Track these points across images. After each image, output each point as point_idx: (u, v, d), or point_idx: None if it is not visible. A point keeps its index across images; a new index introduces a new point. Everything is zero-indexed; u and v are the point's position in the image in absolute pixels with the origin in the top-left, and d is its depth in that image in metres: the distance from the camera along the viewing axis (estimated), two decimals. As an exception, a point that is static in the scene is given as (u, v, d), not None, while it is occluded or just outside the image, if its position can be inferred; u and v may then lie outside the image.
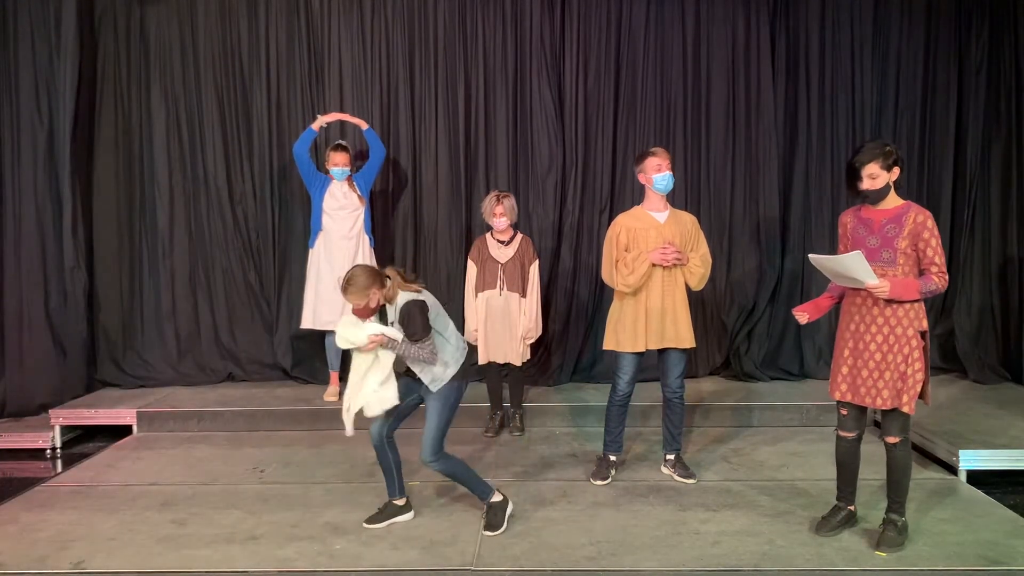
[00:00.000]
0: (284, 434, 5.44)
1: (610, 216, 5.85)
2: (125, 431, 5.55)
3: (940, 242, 3.41)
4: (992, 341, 6.34)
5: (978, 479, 4.41)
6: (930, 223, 3.40)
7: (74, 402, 5.77)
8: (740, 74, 6.29)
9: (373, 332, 3.59)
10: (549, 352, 6.28)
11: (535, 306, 5.23)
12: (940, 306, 6.45)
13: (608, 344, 4.40)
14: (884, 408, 3.46)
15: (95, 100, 6.22)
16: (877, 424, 3.74)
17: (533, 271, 5.22)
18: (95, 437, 5.58)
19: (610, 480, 4.43)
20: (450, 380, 3.71)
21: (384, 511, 3.94)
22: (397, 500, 3.95)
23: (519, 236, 5.25)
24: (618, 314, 4.34)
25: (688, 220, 4.40)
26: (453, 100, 6.30)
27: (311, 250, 5.76)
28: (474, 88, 6.32)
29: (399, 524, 3.89)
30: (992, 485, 4.35)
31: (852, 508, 3.76)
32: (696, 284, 4.36)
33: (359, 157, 6.04)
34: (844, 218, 3.67)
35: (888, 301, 3.39)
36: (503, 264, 5.14)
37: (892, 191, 3.47)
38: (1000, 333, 6.34)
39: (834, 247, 3.85)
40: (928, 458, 4.74)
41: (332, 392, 5.77)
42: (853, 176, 3.45)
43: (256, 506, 4.16)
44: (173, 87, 6.28)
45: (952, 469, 4.52)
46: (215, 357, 6.35)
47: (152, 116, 6.28)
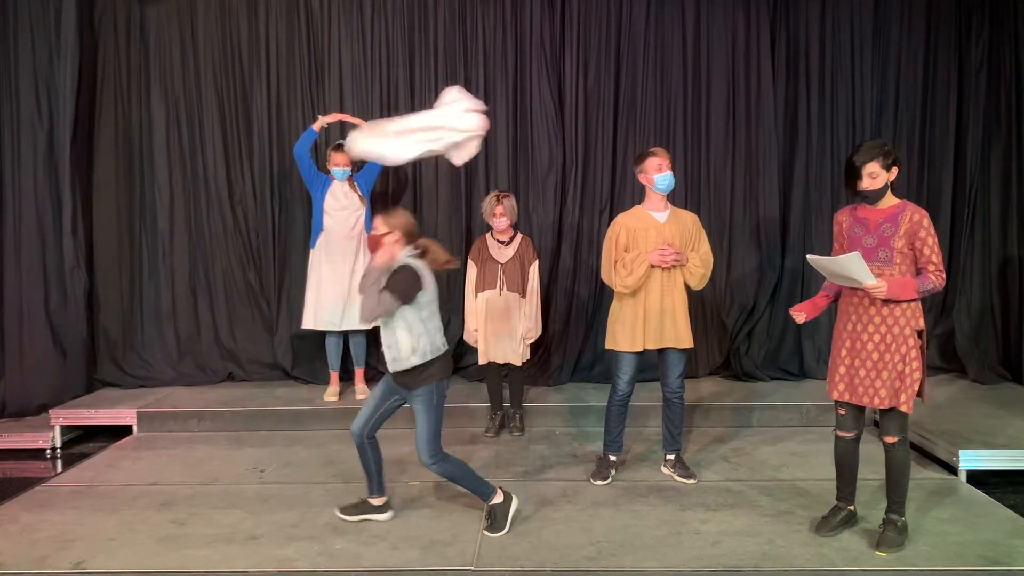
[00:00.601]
0: (284, 434, 5.44)
1: (610, 216, 5.85)
2: (125, 431, 5.55)
3: (936, 241, 3.41)
4: (992, 341, 6.34)
5: (978, 479, 4.41)
6: (926, 222, 3.40)
7: (74, 402, 5.77)
8: (740, 74, 6.29)
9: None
10: (549, 352, 6.28)
11: (535, 306, 5.23)
12: (940, 306, 6.45)
13: (608, 344, 4.40)
14: (882, 407, 3.46)
15: (95, 100, 6.23)
16: (876, 424, 3.74)
17: (533, 271, 5.22)
18: (95, 437, 5.58)
19: (610, 480, 4.43)
20: (428, 380, 3.67)
21: (360, 506, 3.95)
22: (374, 500, 3.96)
23: (519, 236, 5.25)
24: (617, 314, 4.35)
25: (689, 219, 4.40)
26: (453, 100, 6.30)
27: (312, 250, 5.75)
28: (474, 88, 6.28)
29: (397, 524, 3.89)
30: (992, 485, 4.35)
31: (852, 508, 3.76)
32: (696, 284, 4.36)
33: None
34: (839, 217, 3.67)
35: (885, 301, 3.39)
36: (503, 264, 5.14)
37: (889, 191, 3.47)
38: (1000, 333, 6.34)
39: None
40: (928, 458, 4.74)
41: (332, 392, 5.77)
42: (853, 175, 3.45)
43: (256, 506, 4.16)
44: (173, 87, 6.28)
45: (952, 469, 4.52)
46: (215, 357, 6.35)
47: (152, 116, 6.28)
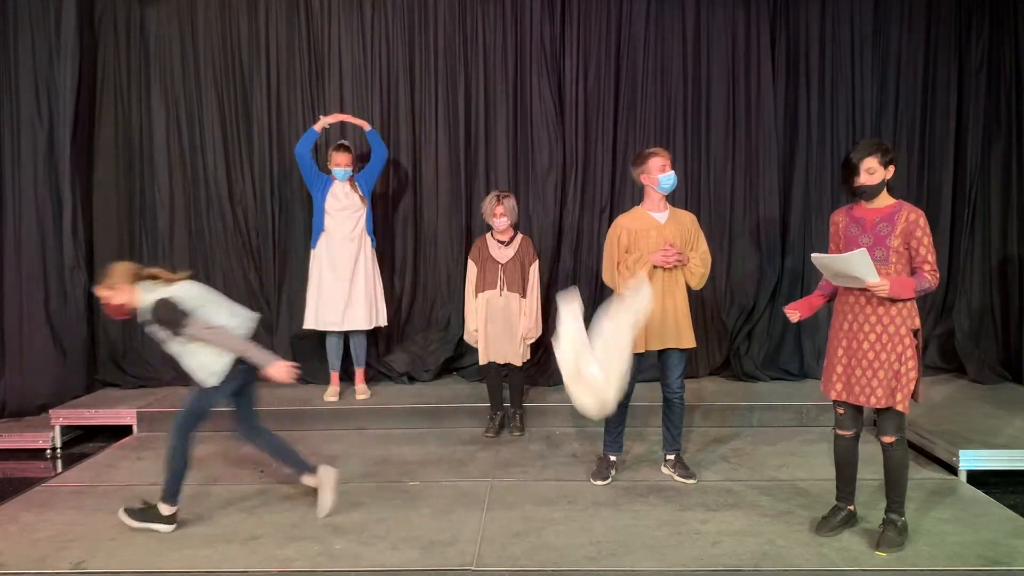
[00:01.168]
0: (284, 434, 5.37)
1: (610, 216, 5.85)
2: (125, 431, 5.54)
3: (932, 241, 3.42)
4: (992, 341, 6.32)
5: (978, 479, 4.41)
6: (922, 221, 3.41)
7: (74, 402, 5.77)
8: (740, 74, 6.29)
9: None
10: (549, 352, 6.25)
11: (535, 306, 5.23)
12: (940, 306, 6.44)
13: (609, 343, 4.40)
14: (878, 407, 3.46)
15: (95, 100, 6.22)
16: (875, 424, 3.74)
17: (533, 271, 5.22)
18: (95, 437, 5.58)
19: (610, 480, 4.43)
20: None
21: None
22: (308, 479, 4.05)
23: (519, 236, 5.25)
24: (618, 315, 4.34)
25: (688, 219, 4.40)
26: (453, 100, 6.30)
27: (313, 250, 5.74)
28: (474, 88, 6.32)
29: (397, 524, 3.89)
30: (992, 485, 4.35)
31: (852, 508, 3.76)
32: (696, 284, 4.36)
33: (361, 158, 6.03)
34: (836, 217, 3.67)
35: (882, 300, 3.40)
36: (503, 264, 5.14)
37: (885, 190, 3.48)
38: (1000, 333, 6.33)
39: (834, 247, 3.85)
40: (928, 458, 4.74)
41: (332, 392, 5.77)
42: (850, 172, 3.46)
43: (256, 506, 4.17)
44: (173, 87, 6.28)
45: (952, 469, 4.52)
46: (215, 357, 6.34)
47: (152, 116, 6.28)
